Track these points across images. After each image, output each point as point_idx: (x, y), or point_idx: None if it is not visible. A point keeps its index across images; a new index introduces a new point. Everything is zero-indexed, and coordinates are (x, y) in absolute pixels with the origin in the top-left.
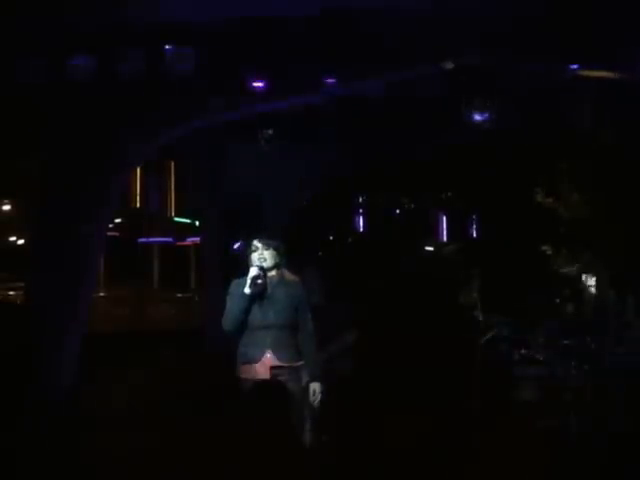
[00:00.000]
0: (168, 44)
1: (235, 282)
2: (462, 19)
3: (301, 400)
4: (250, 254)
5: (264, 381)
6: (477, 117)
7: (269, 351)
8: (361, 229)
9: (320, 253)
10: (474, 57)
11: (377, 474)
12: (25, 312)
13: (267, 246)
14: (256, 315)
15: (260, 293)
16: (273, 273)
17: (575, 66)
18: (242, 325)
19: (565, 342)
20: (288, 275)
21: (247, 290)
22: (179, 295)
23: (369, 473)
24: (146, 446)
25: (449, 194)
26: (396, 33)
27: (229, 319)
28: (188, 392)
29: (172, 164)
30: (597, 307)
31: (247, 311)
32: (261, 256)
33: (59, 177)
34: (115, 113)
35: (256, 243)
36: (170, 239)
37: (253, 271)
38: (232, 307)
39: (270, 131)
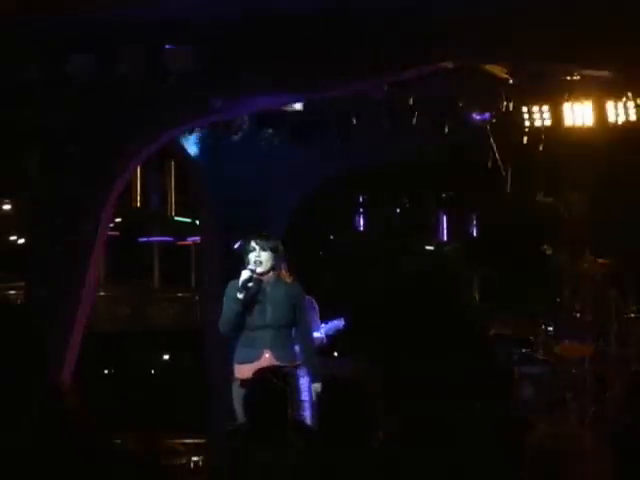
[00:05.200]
0: (168, 44)
1: (231, 284)
2: (463, 18)
3: (298, 399)
4: (247, 254)
5: (262, 378)
6: (477, 117)
7: (267, 351)
8: (361, 229)
9: (320, 253)
10: (474, 57)
11: (374, 473)
12: (26, 312)
13: (264, 247)
14: (254, 316)
15: (254, 296)
16: (270, 274)
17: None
18: (240, 326)
19: (565, 342)
20: (285, 275)
21: (239, 295)
22: (179, 294)
23: (366, 472)
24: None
25: (449, 194)
26: (396, 33)
27: (225, 323)
28: None
29: (172, 164)
30: (597, 307)
31: (243, 314)
32: (257, 258)
33: (59, 177)
34: (115, 113)
35: (253, 244)
36: (170, 238)
37: (244, 275)
38: (227, 310)
39: (270, 131)
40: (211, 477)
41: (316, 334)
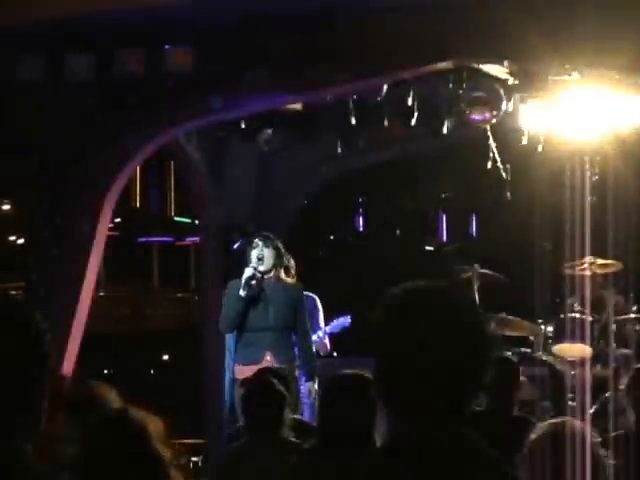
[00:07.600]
0: (168, 44)
1: (232, 283)
2: (462, 18)
3: (297, 400)
4: (250, 251)
5: (261, 380)
6: (477, 117)
7: (269, 353)
8: (361, 229)
9: (320, 253)
10: (474, 57)
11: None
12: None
13: (267, 244)
14: (254, 317)
15: (256, 295)
16: (271, 275)
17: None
18: (240, 327)
19: (565, 342)
20: (286, 277)
21: (242, 292)
22: (179, 295)
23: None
24: None
25: (449, 194)
26: (396, 33)
27: (226, 321)
28: None
29: (172, 164)
30: (597, 307)
31: (244, 313)
32: (260, 253)
33: (59, 177)
34: (115, 113)
35: (257, 240)
36: (170, 239)
37: (247, 272)
38: (228, 309)
39: (270, 131)
40: (211, 477)
41: (319, 333)
